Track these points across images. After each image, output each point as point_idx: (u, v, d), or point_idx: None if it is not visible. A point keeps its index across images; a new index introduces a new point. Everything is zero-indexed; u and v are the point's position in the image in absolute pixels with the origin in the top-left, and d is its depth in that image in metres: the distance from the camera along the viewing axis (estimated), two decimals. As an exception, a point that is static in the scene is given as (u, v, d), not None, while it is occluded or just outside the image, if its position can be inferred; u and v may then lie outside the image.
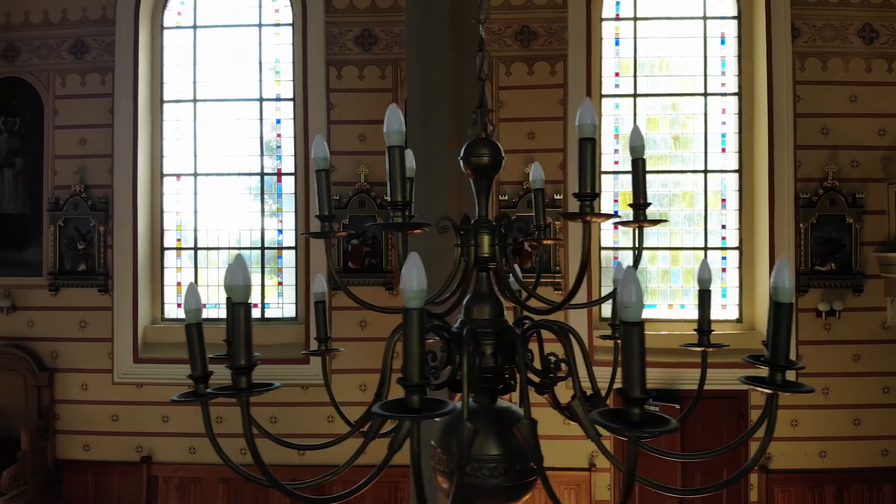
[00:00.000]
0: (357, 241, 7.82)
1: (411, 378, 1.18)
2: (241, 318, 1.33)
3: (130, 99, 8.02)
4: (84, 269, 7.99)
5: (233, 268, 1.33)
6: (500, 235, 1.76)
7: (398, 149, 1.57)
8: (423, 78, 4.96)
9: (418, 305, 1.17)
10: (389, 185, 1.58)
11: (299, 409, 7.90)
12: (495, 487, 1.65)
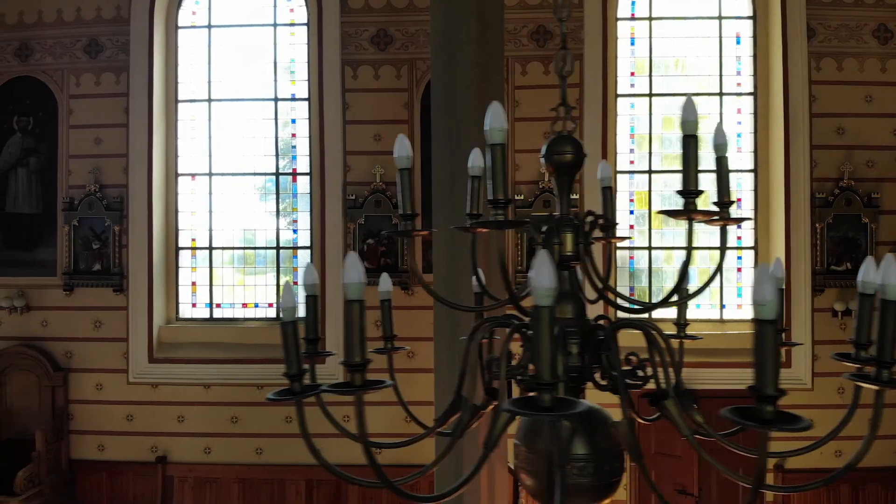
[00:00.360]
0: (372, 242, 7.82)
1: (543, 376, 1.18)
2: (356, 315, 1.32)
3: (145, 98, 8.00)
4: (99, 269, 7.97)
5: (349, 265, 1.32)
6: (583, 234, 1.76)
7: (500, 147, 1.56)
8: (448, 76, 4.95)
9: (549, 303, 1.16)
10: (492, 182, 1.57)
11: (315, 408, 7.86)
12: (584, 486, 1.65)
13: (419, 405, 7.61)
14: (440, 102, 4.99)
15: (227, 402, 7.97)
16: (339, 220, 7.87)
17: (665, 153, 7.98)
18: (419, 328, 7.75)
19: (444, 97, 4.95)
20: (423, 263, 7.79)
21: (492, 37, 4.98)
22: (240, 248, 8.34)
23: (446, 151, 4.96)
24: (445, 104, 4.95)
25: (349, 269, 1.32)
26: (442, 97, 4.97)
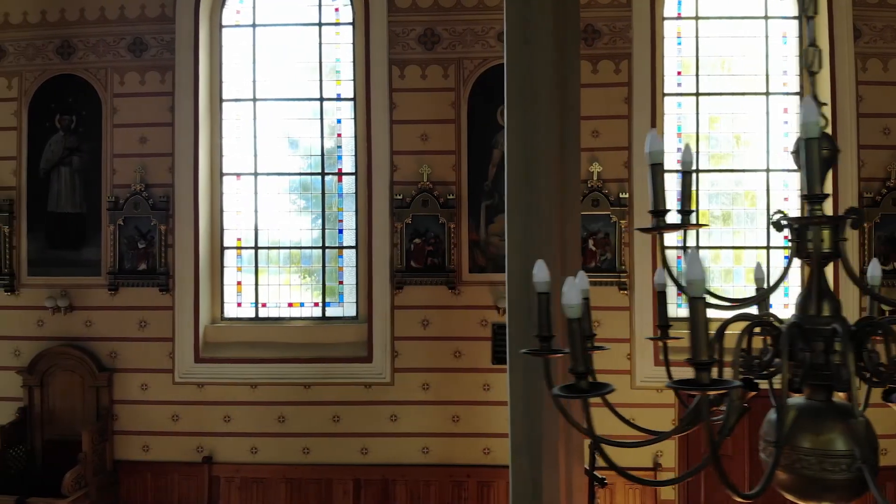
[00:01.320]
0: (419, 241, 7.80)
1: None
2: (700, 313, 1.33)
3: (191, 97, 7.97)
4: (145, 269, 7.93)
5: (691, 262, 1.32)
6: (839, 230, 1.75)
7: (815, 141, 1.55)
8: (522, 76, 4.93)
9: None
10: (808, 177, 1.56)
11: (362, 407, 7.88)
12: (837, 482, 1.65)
13: (466, 405, 7.68)
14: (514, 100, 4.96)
15: (273, 402, 7.94)
16: (386, 219, 7.86)
17: (712, 152, 7.99)
18: (466, 327, 7.78)
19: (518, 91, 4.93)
20: (469, 263, 7.81)
21: (569, 34, 4.96)
22: (285, 248, 8.32)
23: (519, 147, 4.94)
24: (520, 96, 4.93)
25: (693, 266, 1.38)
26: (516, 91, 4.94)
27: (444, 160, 7.84)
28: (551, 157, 4.86)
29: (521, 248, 4.93)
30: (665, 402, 7.65)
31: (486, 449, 7.77)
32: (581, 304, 1.58)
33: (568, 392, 1.55)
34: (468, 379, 7.80)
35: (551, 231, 4.85)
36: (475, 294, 7.78)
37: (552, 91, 4.87)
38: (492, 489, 7.72)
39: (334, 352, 7.97)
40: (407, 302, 7.85)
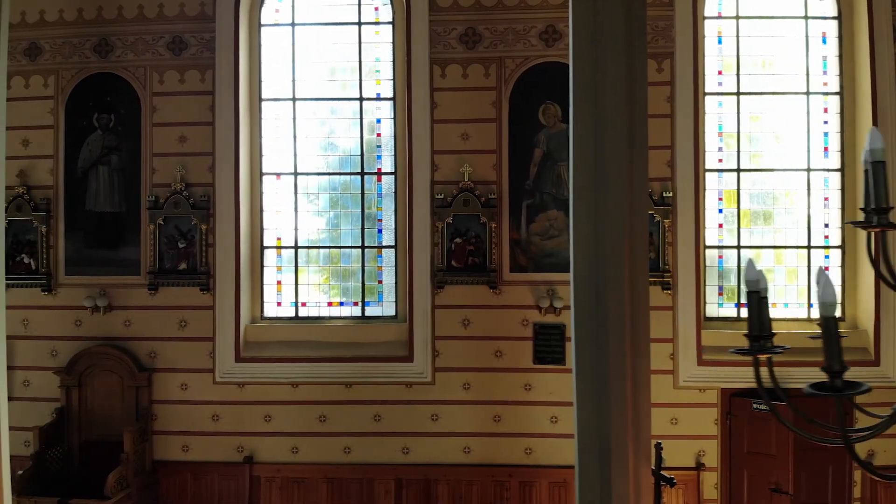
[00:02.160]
0: (460, 240, 7.79)
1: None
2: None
3: (231, 97, 7.95)
4: (185, 268, 7.90)
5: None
6: None
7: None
8: (590, 74, 4.93)
9: None
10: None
11: (403, 407, 7.87)
12: None
13: (508, 405, 7.65)
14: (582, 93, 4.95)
15: (314, 401, 7.92)
16: (427, 219, 7.84)
17: (753, 151, 8.00)
18: (507, 327, 7.77)
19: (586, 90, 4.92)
20: (510, 262, 7.81)
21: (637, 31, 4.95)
22: (324, 248, 8.30)
23: (587, 146, 4.93)
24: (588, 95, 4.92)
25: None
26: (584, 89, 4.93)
27: (485, 159, 7.83)
28: (620, 156, 4.85)
29: (589, 250, 4.92)
30: (707, 401, 7.67)
31: (528, 449, 7.77)
32: (836, 303, 1.57)
33: (822, 390, 1.54)
34: (509, 379, 7.79)
35: (620, 231, 4.84)
36: (516, 294, 7.77)
37: (621, 89, 4.86)
38: (534, 489, 7.72)
39: (374, 351, 7.96)
40: (447, 301, 7.84)
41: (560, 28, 7.79)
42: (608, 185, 4.84)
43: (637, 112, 4.92)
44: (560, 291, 7.70)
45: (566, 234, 7.69)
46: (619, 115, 4.86)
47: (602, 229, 4.84)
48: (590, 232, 4.89)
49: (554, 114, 7.76)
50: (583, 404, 4.94)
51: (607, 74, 4.88)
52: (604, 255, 4.83)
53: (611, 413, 4.80)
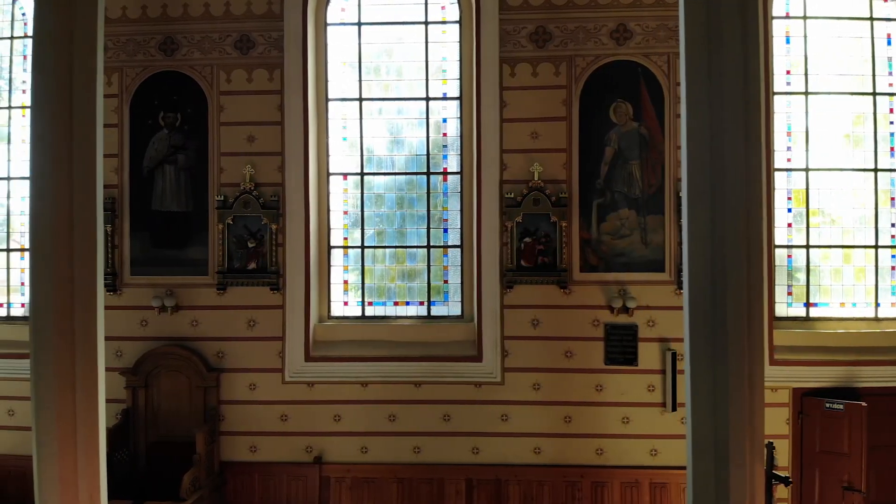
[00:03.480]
0: (530, 240, 7.77)
1: None
2: None
3: (300, 96, 7.92)
4: (254, 268, 7.87)
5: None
6: None
7: None
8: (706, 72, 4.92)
9: None
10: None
11: (472, 406, 7.85)
12: None
13: (578, 405, 7.63)
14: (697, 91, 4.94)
15: (384, 401, 7.90)
16: (496, 218, 7.83)
17: (819, 152, 7.99)
18: (578, 327, 7.76)
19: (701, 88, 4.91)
20: (581, 262, 7.79)
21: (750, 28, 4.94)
22: (390, 247, 8.27)
23: (703, 144, 4.93)
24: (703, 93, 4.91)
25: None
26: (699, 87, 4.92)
27: (555, 158, 7.82)
28: (737, 153, 4.85)
29: (705, 247, 4.91)
30: (779, 401, 7.67)
31: (599, 449, 7.76)
32: None
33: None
34: (580, 379, 7.78)
35: (737, 229, 4.83)
36: (587, 293, 7.75)
37: (737, 87, 4.86)
38: (605, 489, 7.71)
39: (442, 350, 7.93)
40: (517, 301, 7.82)
41: (631, 27, 7.78)
42: (725, 187, 4.84)
43: (752, 107, 4.90)
44: (632, 291, 7.69)
45: (638, 234, 7.71)
46: (735, 111, 4.86)
47: (720, 232, 4.84)
48: (706, 229, 4.88)
49: (625, 112, 7.75)
50: (698, 407, 4.93)
51: (725, 71, 4.88)
52: (720, 252, 4.84)
53: (728, 416, 4.80)
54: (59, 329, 4.95)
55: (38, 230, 4.96)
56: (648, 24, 7.78)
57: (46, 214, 4.95)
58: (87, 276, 5.03)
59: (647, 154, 7.75)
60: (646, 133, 7.75)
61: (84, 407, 5.05)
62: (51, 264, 4.93)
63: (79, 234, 5.02)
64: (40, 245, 4.96)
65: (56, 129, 4.97)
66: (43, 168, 4.97)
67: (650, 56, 7.77)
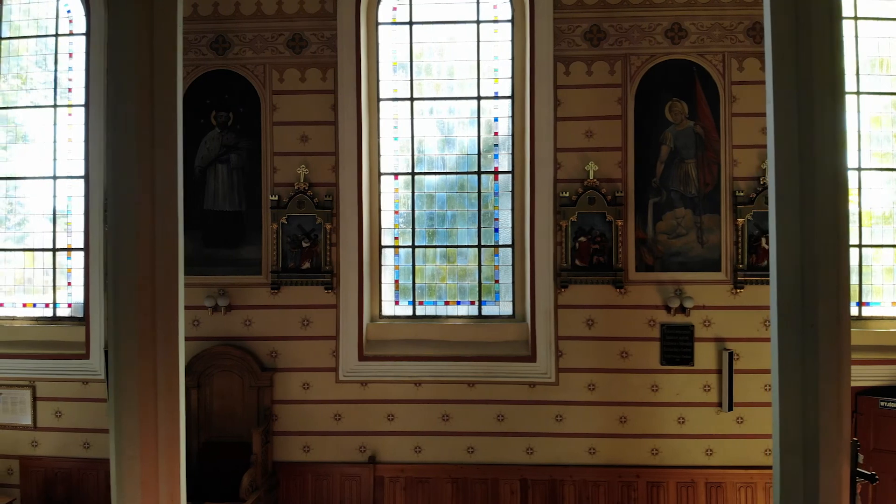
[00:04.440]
0: (584, 239, 7.74)
1: None
2: None
3: (354, 96, 7.90)
4: (308, 267, 7.85)
5: None
6: None
7: None
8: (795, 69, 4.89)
9: None
10: None
11: (526, 407, 7.83)
12: None
13: (634, 405, 7.60)
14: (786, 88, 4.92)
15: (437, 400, 7.88)
16: (550, 217, 7.80)
17: (874, 150, 7.97)
18: (633, 327, 7.73)
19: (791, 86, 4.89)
20: (636, 261, 7.76)
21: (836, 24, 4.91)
22: (441, 247, 8.25)
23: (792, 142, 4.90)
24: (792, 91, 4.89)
25: None
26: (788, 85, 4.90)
27: (610, 157, 7.79)
28: (825, 151, 4.82)
29: (794, 246, 4.89)
30: (836, 400, 7.60)
31: (655, 449, 7.73)
32: None
33: None
34: (635, 380, 7.75)
35: (826, 228, 4.81)
36: (642, 293, 7.73)
37: (826, 84, 4.83)
38: (661, 489, 7.69)
39: (494, 350, 7.91)
40: (571, 301, 7.80)
41: (685, 26, 7.76)
42: (814, 179, 4.82)
43: (839, 109, 4.88)
44: (688, 291, 7.67)
45: (694, 233, 7.68)
46: (823, 109, 4.83)
47: (809, 231, 4.81)
48: (795, 229, 4.86)
49: (681, 111, 7.72)
50: (786, 406, 4.90)
51: (814, 68, 4.85)
52: (809, 252, 4.81)
53: (819, 414, 4.77)
54: (142, 329, 4.93)
55: (120, 229, 4.94)
56: (703, 24, 7.75)
57: (128, 215, 4.94)
58: (168, 277, 5.02)
59: (702, 153, 7.72)
60: (701, 132, 7.72)
61: (165, 407, 5.02)
62: (134, 266, 4.91)
63: (160, 235, 5.01)
64: (123, 245, 4.94)
65: (138, 131, 4.95)
66: (124, 169, 4.95)
67: (705, 55, 7.74)
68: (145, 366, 4.94)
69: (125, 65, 4.97)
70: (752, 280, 7.62)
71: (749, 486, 7.67)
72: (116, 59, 5.02)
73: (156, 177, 5.02)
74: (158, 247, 5.00)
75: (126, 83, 4.98)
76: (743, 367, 7.64)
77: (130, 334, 4.90)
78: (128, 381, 4.91)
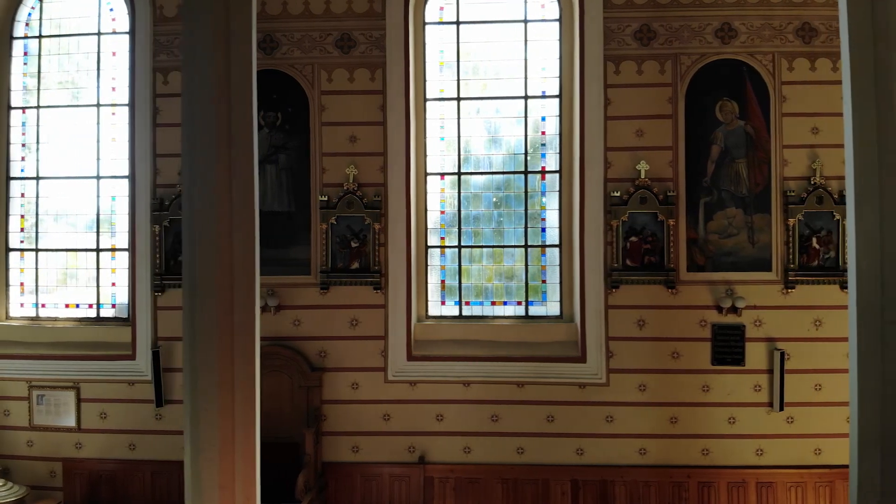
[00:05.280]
0: (636, 239, 7.73)
1: None
2: None
3: (402, 96, 7.89)
4: (357, 267, 7.84)
5: None
6: None
7: None
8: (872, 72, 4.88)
9: None
10: None
11: (576, 408, 7.82)
12: None
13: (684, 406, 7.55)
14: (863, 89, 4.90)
15: (486, 401, 7.86)
16: (600, 217, 7.79)
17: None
18: (684, 328, 7.72)
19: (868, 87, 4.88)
20: (687, 261, 7.76)
21: None
22: (487, 247, 8.23)
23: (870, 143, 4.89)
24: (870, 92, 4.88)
25: None
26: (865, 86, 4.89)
27: (660, 156, 7.78)
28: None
29: (873, 243, 4.88)
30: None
31: (705, 450, 7.72)
32: None
33: None
34: (686, 380, 7.74)
35: (906, 227, 4.80)
36: (693, 293, 7.72)
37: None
38: (712, 489, 7.68)
39: (543, 351, 7.90)
40: (621, 301, 7.78)
41: (735, 26, 7.75)
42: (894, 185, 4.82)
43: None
44: (739, 291, 7.65)
45: (745, 233, 7.68)
46: None
47: (889, 229, 4.81)
48: (875, 232, 4.85)
49: (731, 110, 7.71)
50: (865, 401, 4.89)
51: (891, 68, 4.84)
52: (891, 250, 4.81)
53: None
54: (222, 330, 4.91)
55: (200, 229, 4.92)
56: (753, 24, 7.74)
57: (208, 216, 4.91)
58: (246, 277, 4.99)
59: (752, 152, 7.71)
60: (751, 132, 7.71)
61: (242, 409, 4.99)
62: (213, 266, 4.89)
63: (238, 235, 4.98)
64: (203, 245, 4.91)
65: (217, 131, 4.92)
66: (204, 170, 4.92)
67: (755, 55, 7.73)
68: (223, 367, 4.91)
69: (202, 65, 4.94)
70: (804, 280, 7.62)
71: (799, 485, 7.67)
72: (192, 58, 5.00)
73: (233, 177, 4.99)
74: (236, 247, 4.96)
75: (203, 84, 4.95)
76: (793, 367, 7.62)
77: (210, 335, 4.88)
78: (206, 382, 4.89)
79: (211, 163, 4.93)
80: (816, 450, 7.68)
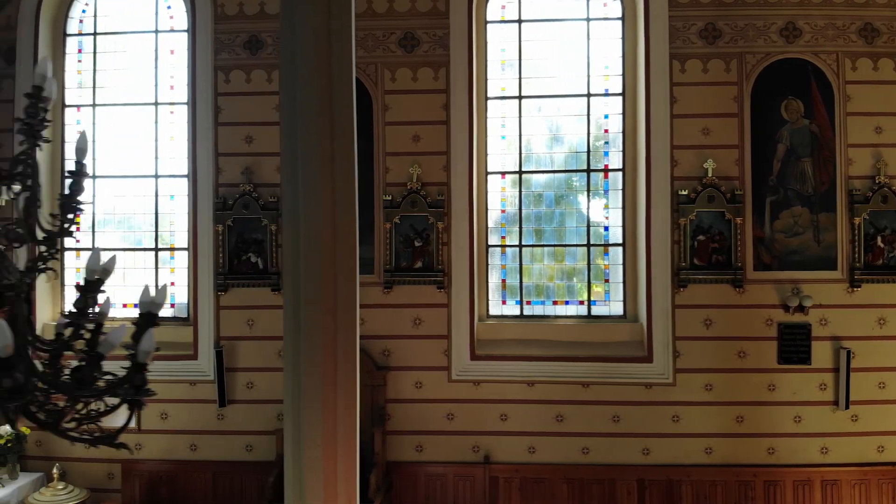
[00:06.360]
0: (703, 237, 7.72)
1: None
2: None
3: (465, 95, 7.88)
4: (420, 266, 7.82)
5: None
6: None
7: None
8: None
9: None
10: None
11: (643, 408, 7.80)
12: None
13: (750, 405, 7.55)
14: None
15: (550, 401, 7.85)
16: (667, 215, 7.77)
17: None
18: (750, 327, 7.70)
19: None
20: (754, 260, 7.75)
21: None
22: (549, 246, 8.22)
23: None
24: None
25: None
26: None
27: (726, 154, 7.77)
28: None
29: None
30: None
31: (771, 449, 7.71)
32: None
33: None
34: (752, 379, 7.73)
35: None
36: (760, 292, 7.70)
37: None
38: (777, 488, 7.67)
39: (606, 351, 7.89)
40: (688, 301, 7.77)
41: (799, 25, 7.74)
42: None
43: None
44: (806, 290, 7.64)
45: (810, 231, 7.67)
46: None
47: None
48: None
49: (796, 109, 7.70)
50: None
51: None
52: None
53: None
54: (325, 329, 4.89)
55: (306, 227, 4.89)
56: (817, 23, 7.73)
57: (314, 215, 4.89)
58: (347, 276, 4.97)
59: (818, 151, 7.71)
60: (816, 131, 7.70)
61: (344, 407, 4.98)
62: (318, 265, 4.87)
63: (341, 234, 4.96)
64: (307, 244, 4.89)
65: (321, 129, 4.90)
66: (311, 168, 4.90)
67: (819, 54, 7.73)
68: (327, 367, 4.89)
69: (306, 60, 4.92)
70: (869, 279, 7.61)
71: (863, 482, 7.66)
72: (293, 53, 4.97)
73: (335, 175, 4.96)
74: (339, 245, 4.94)
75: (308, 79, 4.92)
76: (858, 366, 7.61)
77: (314, 334, 4.86)
78: (311, 382, 4.87)
79: (316, 168, 4.89)
80: (879, 447, 7.68)
